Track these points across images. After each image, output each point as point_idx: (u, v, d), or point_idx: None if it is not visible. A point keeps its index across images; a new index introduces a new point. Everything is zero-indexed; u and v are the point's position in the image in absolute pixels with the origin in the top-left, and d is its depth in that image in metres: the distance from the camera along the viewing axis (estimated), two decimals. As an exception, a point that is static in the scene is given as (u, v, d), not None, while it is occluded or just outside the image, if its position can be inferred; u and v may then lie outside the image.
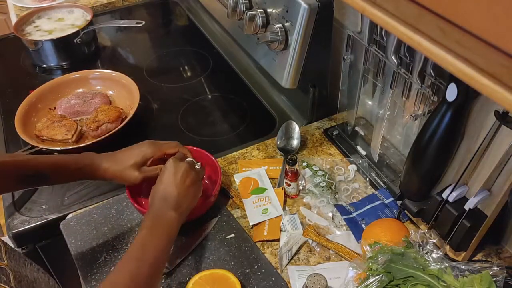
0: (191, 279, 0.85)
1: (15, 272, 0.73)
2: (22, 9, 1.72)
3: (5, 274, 0.70)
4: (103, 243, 0.94)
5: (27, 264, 0.81)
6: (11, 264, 0.74)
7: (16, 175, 0.84)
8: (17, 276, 0.73)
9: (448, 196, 0.83)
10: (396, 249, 0.78)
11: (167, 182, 0.84)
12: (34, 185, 0.91)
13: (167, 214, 0.80)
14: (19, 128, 1.17)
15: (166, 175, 0.85)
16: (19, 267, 0.77)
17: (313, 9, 0.95)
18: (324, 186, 1.03)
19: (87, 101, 1.28)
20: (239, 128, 1.29)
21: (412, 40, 0.46)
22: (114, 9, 1.85)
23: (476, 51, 0.39)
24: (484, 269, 0.75)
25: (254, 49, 1.15)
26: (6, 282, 0.69)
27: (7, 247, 0.77)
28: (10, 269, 0.72)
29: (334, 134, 1.16)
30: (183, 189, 0.84)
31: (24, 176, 0.85)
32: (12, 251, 0.78)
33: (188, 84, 1.47)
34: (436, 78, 0.81)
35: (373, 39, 0.92)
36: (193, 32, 1.72)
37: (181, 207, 0.83)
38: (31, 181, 0.88)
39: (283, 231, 0.95)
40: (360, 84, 1.02)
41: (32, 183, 0.89)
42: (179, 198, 0.83)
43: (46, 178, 0.87)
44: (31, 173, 0.85)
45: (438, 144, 0.81)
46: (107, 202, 1.02)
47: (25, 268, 0.79)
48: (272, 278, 0.87)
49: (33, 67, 1.54)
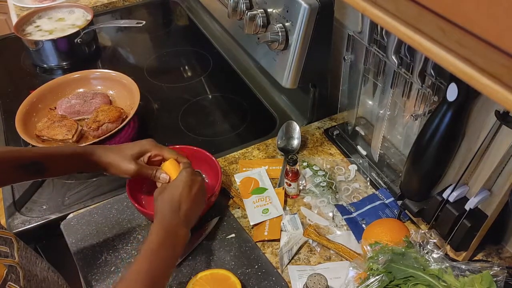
0: (191, 279, 0.85)
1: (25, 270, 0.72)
2: (23, 9, 1.72)
3: (15, 273, 0.69)
4: (104, 243, 0.94)
5: (38, 263, 0.81)
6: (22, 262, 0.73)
7: (13, 166, 0.83)
8: (27, 275, 0.73)
9: (448, 196, 0.83)
10: (397, 249, 0.78)
11: (183, 193, 0.82)
12: (31, 176, 0.88)
13: (181, 231, 0.78)
14: (20, 128, 1.17)
15: (182, 185, 0.83)
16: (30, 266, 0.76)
17: (314, 9, 0.95)
18: (325, 186, 1.03)
19: (87, 101, 1.28)
20: (240, 128, 1.29)
21: (413, 40, 0.46)
22: (114, 9, 1.85)
23: (477, 51, 0.39)
24: (484, 269, 0.75)
25: (254, 49, 1.15)
26: (16, 280, 0.68)
27: (19, 244, 0.76)
28: (20, 267, 0.71)
29: (335, 134, 1.16)
30: (195, 205, 0.83)
31: (20, 166, 0.84)
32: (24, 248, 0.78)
33: (188, 84, 1.47)
34: (436, 78, 0.81)
35: (374, 39, 0.92)
36: (194, 32, 1.72)
37: (191, 222, 0.82)
38: (28, 172, 0.86)
39: (283, 231, 0.95)
40: (361, 84, 1.02)
41: (30, 174, 0.86)
42: (190, 213, 0.81)
43: (42, 168, 0.85)
44: (27, 162, 0.83)
45: (438, 144, 0.81)
46: (107, 202, 1.02)
47: (35, 267, 0.78)
48: (273, 278, 0.87)
49: (34, 67, 1.54)
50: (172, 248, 0.76)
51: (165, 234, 0.76)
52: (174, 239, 0.77)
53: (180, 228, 0.78)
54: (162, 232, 0.76)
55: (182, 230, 0.78)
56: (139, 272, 0.71)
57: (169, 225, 0.78)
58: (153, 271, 0.71)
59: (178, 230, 0.78)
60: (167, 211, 0.79)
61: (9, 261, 0.70)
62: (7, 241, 0.73)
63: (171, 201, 0.81)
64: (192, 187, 0.83)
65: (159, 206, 0.81)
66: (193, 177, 0.85)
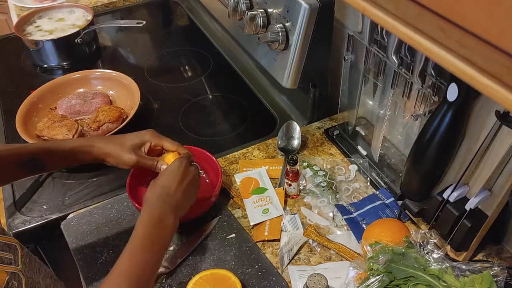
0: (191, 279, 0.85)
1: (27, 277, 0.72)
2: (23, 9, 1.72)
3: (18, 280, 0.69)
4: (104, 243, 0.94)
5: (42, 270, 0.80)
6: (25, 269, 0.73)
7: (13, 162, 0.83)
8: (30, 282, 0.72)
9: (449, 196, 0.83)
10: (397, 249, 0.78)
11: (173, 182, 0.81)
12: (32, 171, 0.88)
13: (168, 219, 0.77)
14: (20, 128, 1.17)
15: (174, 173, 0.82)
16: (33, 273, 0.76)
17: (314, 9, 0.95)
18: (325, 186, 1.03)
19: (87, 101, 1.28)
20: (240, 128, 1.29)
21: (413, 40, 0.46)
22: (114, 9, 1.85)
23: (477, 51, 0.39)
24: (485, 269, 0.75)
25: (254, 49, 1.15)
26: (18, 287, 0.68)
27: (23, 251, 0.76)
28: (23, 274, 0.71)
29: (335, 134, 1.16)
30: (186, 194, 0.82)
31: (19, 163, 0.83)
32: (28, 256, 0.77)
33: (188, 84, 1.47)
34: (436, 78, 0.80)
35: (374, 39, 0.92)
36: (194, 32, 1.72)
37: (179, 212, 0.81)
38: (28, 168, 0.85)
39: (283, 231, 0.95)
40: (361, 84, 1.02)
41: (30, 170, 0.86)
42: (180, 202, 0.81)
43: (42, 163, 0.85)
44: (25, 159, 0.83)
45: (438, 144, 0.81)
46: (108, 202, 1.02)
47: (38, 274, 0.78)
48: (273, 278, 0.87)
49: (34, 67, 1.54)
50: (160, 237, 0.75)
51: (152, 222, 0.76)
52: (161, 227, 0.76)
53: (168, 216, 0.77)
54: (148, 220, 0.76)
55: (169, 218, 0.77)
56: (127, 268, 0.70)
57: (156, 213, 0.77)
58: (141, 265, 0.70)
59: (165, 218, 0.77)
60: (155, 199, 0.79)
61: (12, 268, 0.70)
62: (11, 248, 0.73)
63: (161, 189, 0.80)
64: (184, 177, 0.83)
65: (148, 193, 0.80)
66: (186, 167, 0.84)
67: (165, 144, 0.92)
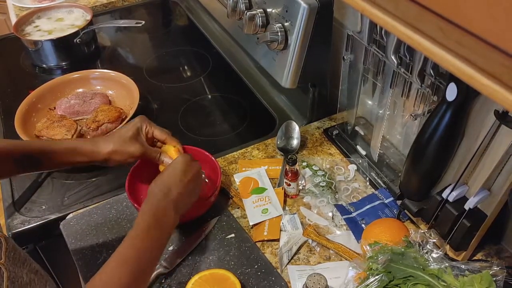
0: (191, 279, 0.85)
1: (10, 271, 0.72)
2: (22, 9, 1.72)
3: None
4: (103, 243, 0.94)
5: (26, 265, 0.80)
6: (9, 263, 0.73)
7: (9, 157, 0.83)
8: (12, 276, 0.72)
9: (448, 196, 0.83)
10: (396, 249, 0.78)
11: (176, 177, 0.81)
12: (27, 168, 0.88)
13: (169, 214, 0.78)
14: (19, 128, 1.17)
15: (176, 170, 0.83)
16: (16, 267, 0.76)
17: (313, 9, 0.95)
18: (324, 186, 1.03)
19: (87, 101, 1.28)
20: (239, 128, 1.29)
21: (412, 40, 0.46)
22: (113, 9, 1.85)
23: (476, 51, 0.39)
24: (484, 268, 0.75)
25: (254, 49, 1.15)
26: None
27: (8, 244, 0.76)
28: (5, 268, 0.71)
29: (334, 134, 1.16)
30: (188, 191, 0.83)
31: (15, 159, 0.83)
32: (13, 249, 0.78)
33: (188, 84, 1.47)
34: (436, 77, 0.81)
35: (373, 38, 0.92)
36: (193, 32, 1.72)
37: (181, 208, 0.82)
38: (24, 165, 0.85)
39: (283, 231, 0.95)
40: (360, 83, 1.02)
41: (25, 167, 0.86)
42: (181, 198, 0.81)
43: (37, 160, 0.85)
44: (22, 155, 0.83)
45: (438, 143, 0.81)
46: (107, 202, 1.02)
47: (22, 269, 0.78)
48: (272, 278, 0.87)
49: (33, 67, 1.54)
50: (159, 231, 0.75)
51: (152, 217, 0.76)
52: (162, 222, 0.76)
53: (168, 212, 0.78)
54: (148, 215, 0.76)
55: (170, 213, 0.78)
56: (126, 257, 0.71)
57: (157, 207, 0.77)
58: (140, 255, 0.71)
59: (165, 213, 0.77)
60: (157, 193, 0.79)
61: None
62: None
63: (163, 183, 0.81)
64: (187, 173, 0.83)
65: (151, 187, 0.81)
66: (189, 164, 0.85)
67: (155, 132, 0.93)
